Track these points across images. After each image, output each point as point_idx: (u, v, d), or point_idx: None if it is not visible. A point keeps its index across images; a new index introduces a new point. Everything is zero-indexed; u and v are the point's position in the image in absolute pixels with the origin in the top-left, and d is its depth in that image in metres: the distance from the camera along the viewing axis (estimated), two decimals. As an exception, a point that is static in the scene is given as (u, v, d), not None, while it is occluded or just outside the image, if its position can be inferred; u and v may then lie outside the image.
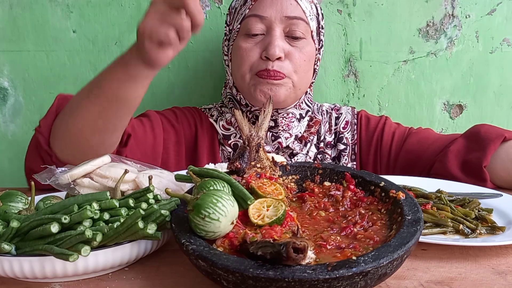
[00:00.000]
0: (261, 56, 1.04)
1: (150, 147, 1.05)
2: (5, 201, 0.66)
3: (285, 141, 1.11)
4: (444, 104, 1.42)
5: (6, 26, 1.34)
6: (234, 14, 1.11)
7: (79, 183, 0.72)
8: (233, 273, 0.46)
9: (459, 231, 0.70)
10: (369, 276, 0.46)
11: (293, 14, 1.04)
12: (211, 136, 1.16)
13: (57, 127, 0.88)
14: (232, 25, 1.11)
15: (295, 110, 1.13)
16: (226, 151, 1.14)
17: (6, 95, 1.38)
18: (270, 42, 1.02)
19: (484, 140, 0.98)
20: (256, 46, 1.05)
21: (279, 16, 1.03)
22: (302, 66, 1.06)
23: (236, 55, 1.08)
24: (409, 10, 1.36)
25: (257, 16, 1.04)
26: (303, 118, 1.15)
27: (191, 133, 1.15)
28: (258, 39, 1.05)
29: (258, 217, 0.57)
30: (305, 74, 1.08)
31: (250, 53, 1.05)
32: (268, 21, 1.04)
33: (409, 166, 1.10)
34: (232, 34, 1.10)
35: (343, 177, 0.73)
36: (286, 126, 1.12)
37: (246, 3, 1.07)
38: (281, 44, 1.03)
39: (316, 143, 1.17)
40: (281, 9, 1.03)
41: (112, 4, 1.34)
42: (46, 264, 0.53)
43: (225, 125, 1.15)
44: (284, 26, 1.04)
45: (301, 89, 1.10)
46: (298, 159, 1.13)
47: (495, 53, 1.39)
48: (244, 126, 0.79)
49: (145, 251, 0.59)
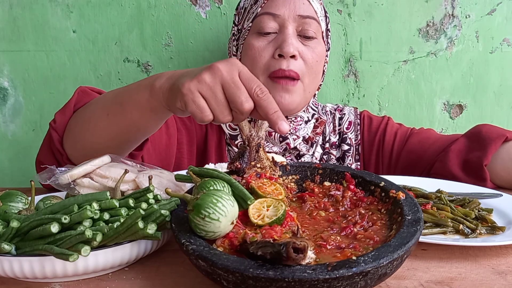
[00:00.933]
0: (274, 55, 1.02)
1: (164, 147, 1.05)
2: (5, 201, 0.66)
3: (293, 142, 1.11)
4: (444, 104, 1.42)
5: (6, 26, 1.34)
6: (244, 14, 1.09)
7: (79, 183, 0.72)
8: (233, 273, 0.46)
9: (459, 231, 0.70)
10: (369, 276, 0.46)
11: (306, 13, 1.03)
12: (218, 136, 1.16)
13: (71, 131, 0.86)
14: (242, 24, 1.09)
15: (303, 113, 1.13)
16: (233, 151, 1.14)
17: (6, 95, 1.38)
18: (284, 40, 1.01)
19: (485, 139, 0.98)
20: (269, 45, 1.03)
21: (292, 15, 1.02)
22: (314, 66, 1.05)
23: (247, 54, 1.06)
24: (409, 10, 1.36)
25: (270, 14, 1.03)
26: (310, 120, 1.15)
27: (202, 133, 1.15)
28: (271, 38, 1.04)
29: (258, 217, 0.57)
30: (315, 75, 1.08)
31: (263, 52, 1.03)
32: (281, 19, 1.02)
33: (411, 166, 1.10)
34: (242, 33, 1.09)
35: (343, 177, 0.73)
36: (294, 130, 1.12)
37: (258, 1, 1.05)
38: (295, 42, 1.02)
39: (321, 143, 1.17)
40: (294, 8, 1.02)
41: (112, 4, 1.34)
42: (46, 264, 0.53)
43: (232, 125, 1.15)
44: (296, 25, 1.03)
45: (311, 92, 1.10)
46: (305, 159, 1.13)
47: (495, 53, 1.39)
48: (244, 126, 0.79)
49: (145, 251, 0.59)
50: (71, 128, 0.86)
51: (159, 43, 1.37)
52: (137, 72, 1.38)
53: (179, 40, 1.37)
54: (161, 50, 1.37)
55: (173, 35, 1.37)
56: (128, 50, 1.37)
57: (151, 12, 1.35)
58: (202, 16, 1.36)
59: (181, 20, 1.36)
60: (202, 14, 1.36)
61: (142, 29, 1.36)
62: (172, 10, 1.35)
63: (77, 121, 0.86)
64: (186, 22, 1.36)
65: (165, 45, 1.37)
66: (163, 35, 1.37)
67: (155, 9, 1.35)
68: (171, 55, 1.38)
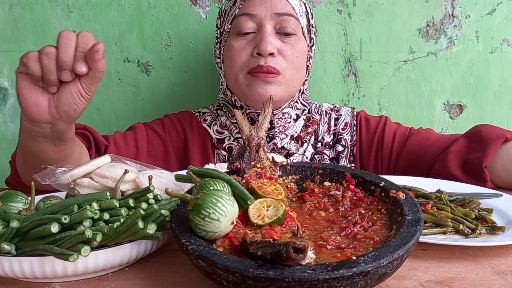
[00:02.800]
0: (253, 53, 1.04)
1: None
2: (5, 201, 0.66)
3: (280, 142, 1.11)
4: (444, 104, 1.42)
5: (6, 26, 1.34)
6: (224, 16, 1.11)
7: (79, 183, 0.72)
8: (233, 273, 0.46)
9: (459, 231, 0.70)
10: (369, 276, 0.46)
11: (283, 11, 1.04)
12: (203, 140, 1.16)
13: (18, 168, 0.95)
14: (223, 27, 1.11)
15: (290, 110, 1.13)
16: (221, 154, 1.15)
17: (6, 95, 1.38)
18: (261, 39, 1.02)
19: (485, 140, 0.98)
20: (248, 45, 1.05)
21: (269, 13, 1.04)
22: (295, 62, 1.06)
23: (227, 55, 1.08)
24: (409, 10, 1.36)
25: (247, 14, 1.04)
26: (299, 117, 1.15)
27: (180, 141, 1.16)
28: (249, 38, 1.05)
29: (258, 217, 0.57)
30: (298, 70, 1.08)
31: (241, 51, 1.05)
32: (259, 18, 1.04)
33: (410, 167, 1.10)
34: (223, 35, 1.11)
35: (343, 177, 0.73)
36: (283, 128, 1.12)
37: (236, 3, 1.07)
38: (273, 40, 1.03)
39: (313, 143, 1.17)
40: (271, 6, 1.04)
41: (112, 4, 1.34)
42: (46, 264, 0.53)
43: (219, 129, 1.15)
44: (274, 23, 1.04)
45: (295, 87, 1.10)
46: (295, 159, 1.13)
47: (495, 53, 1.39)
48: (244, 126, 0.79)
49: (145, 251, 0.59)
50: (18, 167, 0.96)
51: (159, 43, 1.37)
52: (137, 72, 1.38)
53: (179, 40, 1.37)
54: (161, 50, 1.37)
55: (173, 35, 1.37)
56: (128, 50, 1.37)
57: (151, 12, 1.35)
58: (202, 16, 1.36)
59: (181, 20, 1.36)
60: (202, 14, 1.36)
61: (142, 29, 1.36)
62: (172, 10, 1.35)
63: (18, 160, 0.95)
64: (186, 22, 1.36)
65: (165, 45, 1.37)
66: (163, 35, 1.37)
67: (155, 9, 1.35)
68: (171, 55, 1.38)
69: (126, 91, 1.40)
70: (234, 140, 1.14)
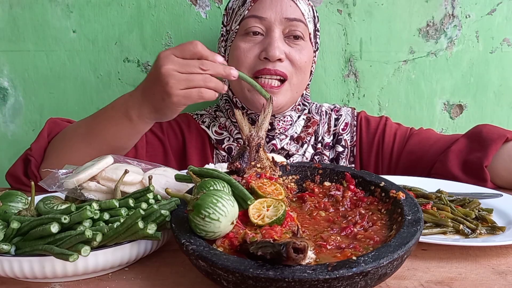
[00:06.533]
0: (260, 56, 1.03)
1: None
2: (5, 201, 0.66)
3: (280, 143, 1.11)
4: (444, 104, 1.42)
5: (6, 26, 1.34)
6: (232, 15, 1.10)
7: (86, 187, 0.71)
8: (233, 273, 0.46)
9: (459, 231, 0.70)
10: (369, 276, 0.46)
11: (292, 16, 1.04)
12: (201, 141, 1.16)
13: (49, 158, 0.95)
14: (230, 25, 1.10)
15: (292, 112, 1.13)
16: (221, 155, 1.14)
17: (6, 95, 1.38)
18: (270, 43, 1.02)
19: (486, 140, 0.98)
20: (255, 47, 1.04)
21: (279, 18, 1.03)
22: (302, 67, 1.06)
23: (233, 55, 1.07)
24: (409, 10, 1.36)
25: (257, 17, 1.04)
26: (299, 117, 1.15)
27: (178, 143, 1.16)
28: (257, 40, 1.05)
29: (258, 217, 0.57)
30: (304, 75, 1.08)
31: (248, 53, 1.04)
32: (268, 22, 1.03)
33: (411, 167, 1.10)
34: (230, 35, 1.10)
35: (343, 177, 0.73)
36: (283, 129, 1.12)
37: (245, 3, 1.06)
38: (281, 45, 1.03)
39: (313, 143, 1.17)
40: (281, 11, 1.03)
41: (112, 4, 1.34)
42: (46, 264, 0.53)
43: (218, 130, 1.15)
44: (283, 28, 1.04)
45: (298, 92, 1.10)
46: (295, 159, 1.13)
47: (495, 53, 1.39)
48: (244, 126, 0.79)
49: (145, 251, 0.59)
50: (49, 156, 0.95)
51: (159, 43, 1.37)
52: (137, 72, 1.38)
53: (179, 40, 1.37)
54: (161, 50, 1.37)
55: (173, 35, 1.37)
56: (128, 50, 1.37)
57: (151, 12, 1.35)
58: (202, 16, 1.36)
59: (181, 20, 1.36)
60: (202, 14, 1.36)
61: (142, 29, 1.36)
62: (172, 10, 1.35)
63: (55, 149, 0.95)
64: (186, 22, 1.36)
65: (165, 45, 1.37)
66: (163, 35, 1.36)
67: (155, 9, 1.35)
68: (171, 55, 1.38)
69: (126, 91, 1.38)
70: (233, 140, 1.13)
